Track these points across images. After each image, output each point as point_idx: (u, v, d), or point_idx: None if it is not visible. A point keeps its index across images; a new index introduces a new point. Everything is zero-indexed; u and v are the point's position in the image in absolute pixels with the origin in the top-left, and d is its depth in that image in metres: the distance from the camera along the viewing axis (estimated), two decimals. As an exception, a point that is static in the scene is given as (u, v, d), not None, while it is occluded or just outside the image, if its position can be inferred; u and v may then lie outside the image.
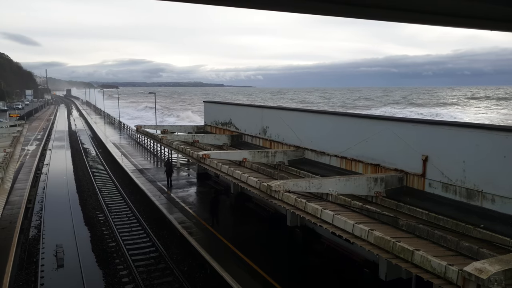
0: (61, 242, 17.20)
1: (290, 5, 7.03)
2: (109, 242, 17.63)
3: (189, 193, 23.48)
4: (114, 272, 14.71)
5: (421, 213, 10.59)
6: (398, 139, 12.59)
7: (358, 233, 8.48)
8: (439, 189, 11.22)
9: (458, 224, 9.60)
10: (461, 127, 11.01)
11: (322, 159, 16.10)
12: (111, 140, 46.92)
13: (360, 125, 14.41)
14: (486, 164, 9.97)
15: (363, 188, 11.99)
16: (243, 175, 13.51)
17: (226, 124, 24.85)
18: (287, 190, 11.05)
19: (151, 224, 19.54)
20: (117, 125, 62.75)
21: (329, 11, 7.37)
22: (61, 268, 15.14)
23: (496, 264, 6.07)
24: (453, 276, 6.39)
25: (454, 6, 6.92)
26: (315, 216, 9.71)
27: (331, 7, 6.81)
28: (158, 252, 16.43)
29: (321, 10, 7.13)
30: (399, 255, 7.41)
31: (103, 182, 28.87)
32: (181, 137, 24.28)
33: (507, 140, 9.61)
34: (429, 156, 11.50)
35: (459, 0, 6.70)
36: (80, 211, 22.32)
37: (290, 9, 7.18)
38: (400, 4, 6.94)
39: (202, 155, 16.20)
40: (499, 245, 8.50)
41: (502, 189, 9.62)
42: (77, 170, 33.20)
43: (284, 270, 13.46)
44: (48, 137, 53.23)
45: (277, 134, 19.28)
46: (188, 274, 14.32)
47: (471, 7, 6.86)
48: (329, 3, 6.60)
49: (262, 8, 7.25)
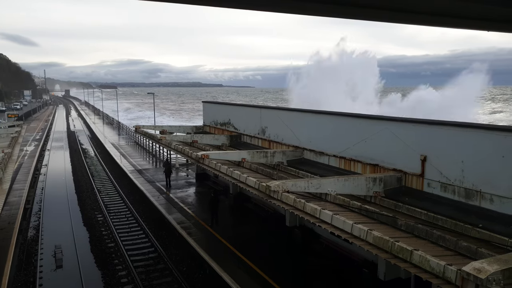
0: (60, 243, 17.17)
1: (276, 5, 7.02)
2: (108, 242, 17.61)
3: (188, 193, 23.46)
4: (113, 273, 14.69)
5: (420, 213, 10.60)
6: (397, 139, 12.59)
7: (357, 233, 8.49)
8: (438, 189, 11.23)
9: (457, 224, 9.62)
10: (460, 127, 11.02)
11: (321, 159, 16.11)
12: (110, 141, 46.87)
13: (359, 125, 14.42)
14: (484, 164, 9.98)
15: (362, 188, 12.00)
16: (242, 175, 13.51)
17: (225, 124, 24.84)
18: (286, 190, 11.05)
19: (150, 224, 19.52)
20: (116, 126, 62.72)
21: (317, 11, 7.36)
22: (60, 268, 15.12)
23: (495, 263, 6.09)
24: (451, 276, 6.40)
25: (447, 6, 6.91)
26: (314, 216, 9.72)
27: (319, 7, 6.79)
28: (157, 252, 16.41)
29: (309, 10, 7.10)
30: (398, 255, 7.43)
31: (102, 183, 28.84)
32: (180, 137, 24.28)
33: (506, 140, 9.63)
34: (428, 156, 11.51)
35: (453, 1, 6.71)
36: (79, 211, 22.29)
37: (276, 9, 7.16)
38: (389, 3, 6.93)
39: (201, 155, 16.20)
40: (498, 244, 8.52)
41: (501, 189, 9.64)
42: (75, 170, 33.16)
43: (283, 270, 13.46)
44: (47, 138, 53.15)
45: (276, 134, 19.28)
46: (187, 274, 14.31)
47: (465, 8, 6.87)
48: (317, 3, 6.58)
49: (248, 8, 7.23)
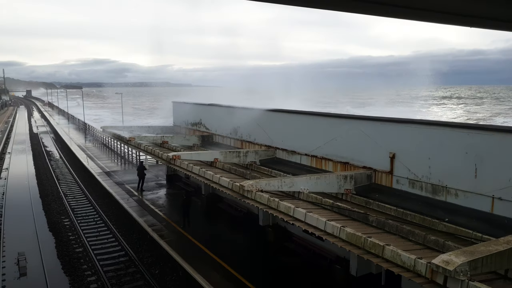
0: (23, 250, 16.40)
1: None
2: (75, 247, 16.99)
3: (159, 195, 23.03)
4: (81, 278, 14.19)
5: (390, 209, 10.91)
6: (366, 137, 12.90)
7: (330, 230, 8.61)
8: (406, 186, 11.60)
9: (425, 219, 9.97)
10: (426, 125, 11.43)
11: (293, 158, 16.27)
12: (76, 143, 45.31)
13: (329, 124, 14.67)
14: (449, 161, 10.40)
15: (334, 185, 12.21)
16: (215, 176, 13.41)
17: (196, 124, 24.59)
18: (260, 190, 11.07)
19: (120, 228, 19.01)
20: (82, 127, 60.70)
21: (307, 2, 7.24)
22: (23, 276, 14.43)
23: (461, 255, 6.33)
24: (421, 269, 6.61)
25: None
26: (288, 214, 9.78)
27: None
28: (128, 256, 16.00)
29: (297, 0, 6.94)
30: (371, 250, 7.59)
31: (68, 186, 27.81)
32: (150, 138, 23.80)
33: (469, 137, 10.08)
34: (396, 154, 11.87)
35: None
36: (43, 216, 21.36)
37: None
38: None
39: (172, 156, 15.96)
40: (463, 237, 8.90)
41: (465, 184, 10.08)
42: (39, 174, 31.78)
43: (256, 269, 13.45)
44: (7, 140, 50.67)
45: (248, 134, 19.28)
46: (160, 277, 14.04)
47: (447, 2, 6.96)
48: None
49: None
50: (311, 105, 27.70)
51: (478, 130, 10.11)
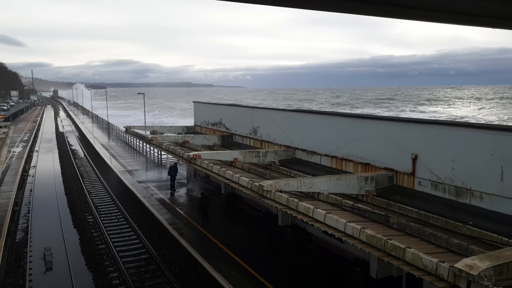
0: (49, 245, 16.95)
1: None
2: (98, 244, 17.43)
3: (179, 194, 23.34)
4: (104, 274, 14.55)
5: (411, 211, 10.70)
6: (388, 138, 12.69)
7: (350, 232, 8.51)
8: (429, 188, 11.35)
9: (448, 222, 9.73)
10: (450, 126, 11.17)
11: (312, 159, 16.16)
12: (100, 141, 46.38)
13: (350, 124, 14.50)
14: (474, 162, 10.12)
15: (354, 187, 12.06)
16: (234, 175, 13.47)
17: (216, 124, 24.78)
18: (279, 190, 11.05)
19: (142, 225, 19.38)
20: (105, 126, 62.07)
21: (318, 5, 7.24)
22: (49, 271, 14.92)
23: (486, 260, 6.16)
24: (444, 272, 6.46)
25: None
26: (307, 215, 9.73)
27: None
28: (149, 253, 16.29)
29: (311, 4, 6.97)
30: (391, 252, 7.47)
31: (92, 184, 28.54)
32: (171, 137, 24.12)
33: (494, 139, 9.78)
34: (419, 155, 11.63)
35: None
36: (68, 213, 22.03)
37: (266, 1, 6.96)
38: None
39: (193, 155, 16.12)
40: (488, 241, 8.64)
41: (490, 187, 9.78)
42: (65, 172, 32.75)
43: (275, 269, 13.47)
44: (35, 139, 52.40)
45: (267, 134, 19.28)
46: (180, 275, 14.23)
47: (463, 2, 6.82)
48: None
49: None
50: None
51: (505, 132, 9.81)
